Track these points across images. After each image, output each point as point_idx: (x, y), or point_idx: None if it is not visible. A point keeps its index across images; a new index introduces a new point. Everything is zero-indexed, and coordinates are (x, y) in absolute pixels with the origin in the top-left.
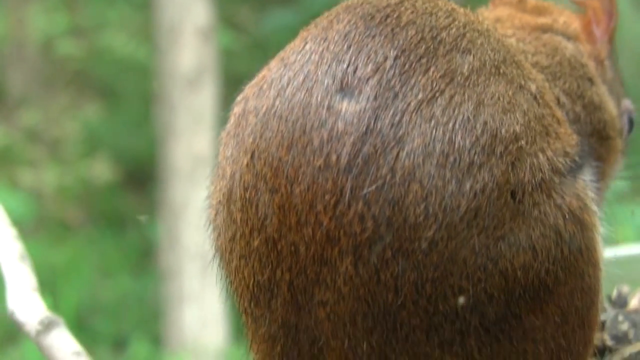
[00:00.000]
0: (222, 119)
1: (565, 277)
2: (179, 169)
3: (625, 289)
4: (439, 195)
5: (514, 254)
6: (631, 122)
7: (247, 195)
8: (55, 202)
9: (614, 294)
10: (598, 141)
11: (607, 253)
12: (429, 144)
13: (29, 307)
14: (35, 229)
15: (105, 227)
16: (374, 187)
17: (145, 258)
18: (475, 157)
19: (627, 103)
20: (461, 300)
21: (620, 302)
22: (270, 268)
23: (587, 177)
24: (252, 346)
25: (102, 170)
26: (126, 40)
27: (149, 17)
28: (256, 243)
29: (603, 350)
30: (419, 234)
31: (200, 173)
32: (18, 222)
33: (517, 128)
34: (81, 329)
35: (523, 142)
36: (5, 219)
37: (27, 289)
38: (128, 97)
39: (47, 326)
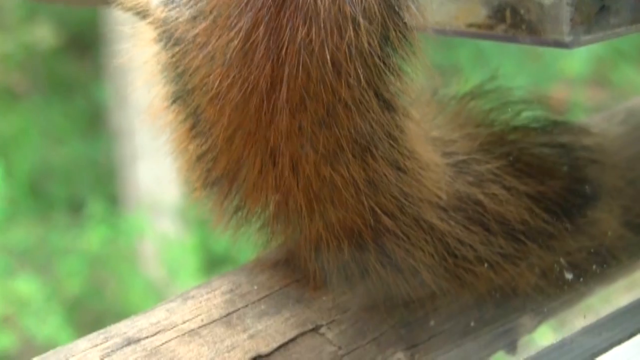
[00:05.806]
0: None
1: None
2: (123, 28)
3: None
4: None
5: None
6: None
7: None
8: None
9: None
10: None
11: None
12: None
13: None
14: None
15: (51, 93)
16: None
17: (94, 121)
18: None
19: None
20: None
21: None
22: None
23: None
24: None
25: (44, 36)
26: None
27: None
28: None
29: None
30: None
31: (146, 29)
32: None
33: None
34: (36, 194)
35: None
36: None
37: None
38: None
39: None
